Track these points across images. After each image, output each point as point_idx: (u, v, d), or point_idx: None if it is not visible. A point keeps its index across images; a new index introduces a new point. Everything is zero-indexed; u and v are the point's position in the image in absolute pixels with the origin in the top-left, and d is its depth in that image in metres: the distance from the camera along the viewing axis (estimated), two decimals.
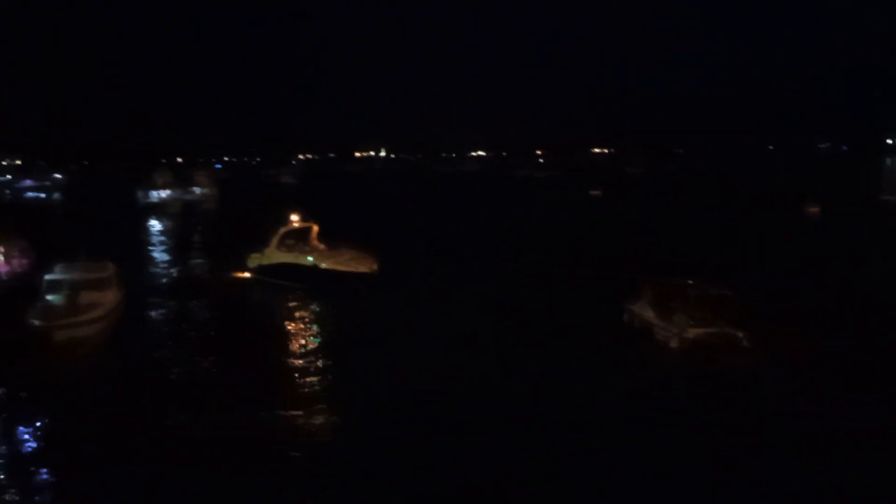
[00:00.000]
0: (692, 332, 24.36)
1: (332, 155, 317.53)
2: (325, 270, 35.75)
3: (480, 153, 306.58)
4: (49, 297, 27.56)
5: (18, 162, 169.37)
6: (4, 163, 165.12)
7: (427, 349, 25.81)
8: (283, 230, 38.98)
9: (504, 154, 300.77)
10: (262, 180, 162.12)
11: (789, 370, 22.74)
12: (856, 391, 20.67)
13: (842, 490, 15.28)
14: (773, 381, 22.08)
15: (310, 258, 36.73)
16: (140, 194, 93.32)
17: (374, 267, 35.73)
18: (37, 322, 25.42)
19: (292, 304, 34.05)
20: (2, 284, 35.36)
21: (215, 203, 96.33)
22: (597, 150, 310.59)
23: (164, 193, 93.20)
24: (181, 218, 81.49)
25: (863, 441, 17.30)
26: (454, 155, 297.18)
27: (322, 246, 38.54)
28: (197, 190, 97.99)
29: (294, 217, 39.74)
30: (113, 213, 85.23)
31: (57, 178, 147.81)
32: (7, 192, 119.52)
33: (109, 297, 28.59)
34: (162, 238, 65.17)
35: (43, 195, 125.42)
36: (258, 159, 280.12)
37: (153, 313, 32.98)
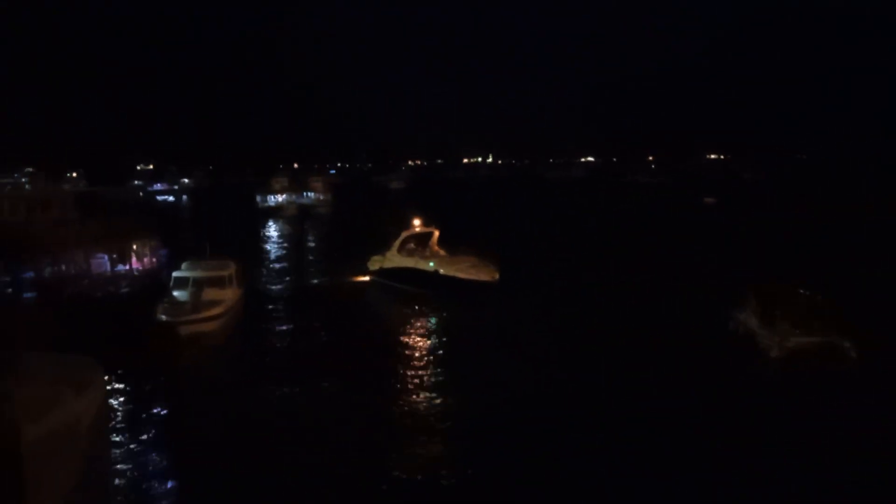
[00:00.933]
0: (793, 341, 23.46)
1: (439, 161, 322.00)
2: (445, 277, 35.17)
3: (589, 159, 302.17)
4: (175, 293, 29.28)
5: (151, 167, 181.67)
6: (139, 167, 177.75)
7: (541, 355, 25.39)
8: (404, 234, 38.75)
9: (614, 159, 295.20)
10: (372, 186, 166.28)
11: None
12: None
13: None
14: (870, 396, 20.34)
15: (431, 264, 36.22)
16: (259, 198, 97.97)
17: (496, 275, 34.96)
18: (164, 317, 27.03)
19: (410, 309, 33.58)
20: (134, 280, 37.74)
21: (329, 207, 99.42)
22: (712, 157, 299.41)
23: (281, 198, 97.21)
24: (297, 221, 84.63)
25: None
26: (561, 161, 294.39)
27: (443, 252, 38.06)
28: (311, 194, 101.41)
29: (416, 221, 39.44)
30: (234, 215, 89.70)
31: (185, 183, 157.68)
32: (140, 194, 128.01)
33: (230, 294, 30.08)
34: (279, 240, 67.86)
35: (172, 198, 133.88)
36: (369, 165, 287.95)
37: (272, 311, 34.03)
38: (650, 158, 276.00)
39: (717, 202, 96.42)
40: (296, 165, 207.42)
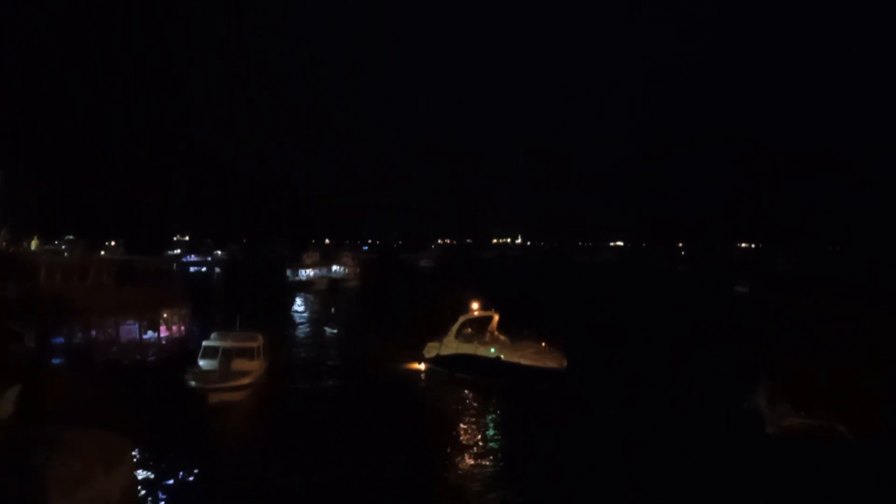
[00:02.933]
0: (789, 421, 24.77)
1: (469, 240, 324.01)
2: (509, 364, 32.72)
3: (618, 243, 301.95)
4: (204, 362, 29.32)
5: (187, 238, 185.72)
6: (176, 238, 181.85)
7: (608, 451, 23.76)
8: (462, 318, 36.30)
9: (643, 245, 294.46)
10: (402, 263, 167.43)
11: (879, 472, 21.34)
12: None
13: None
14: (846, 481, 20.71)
15: (492, 350, 33.79)
16: (289, 272, 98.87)
17: (563, 362, 32.60)
18: (193, 384, 27.04)
19: (469, 398, 31.26)
20: (162, 348, 37.77)
21: (358, 282, 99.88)
22: (743, 245, 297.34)
23: (312, 272, 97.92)
24: (326, 295, 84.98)
25: None
26: (590, 244, 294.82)
27: (504, 337, 35.64)
28: (341, 269, 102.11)
29: (474, 305, 37.03)
30: (265, 288, 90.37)
31: (217, 255, 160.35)
32: (174, 265, 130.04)
33: (257, 366, 30.09)
34: (311, 314, 67.82)
35: (204, 269, 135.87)
36: (399, 242, 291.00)
37: (304, 387, 33.27)
38: (680, 245, 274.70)
39: (749, 291, 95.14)
40: (327, 241, 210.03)
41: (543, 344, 34.24)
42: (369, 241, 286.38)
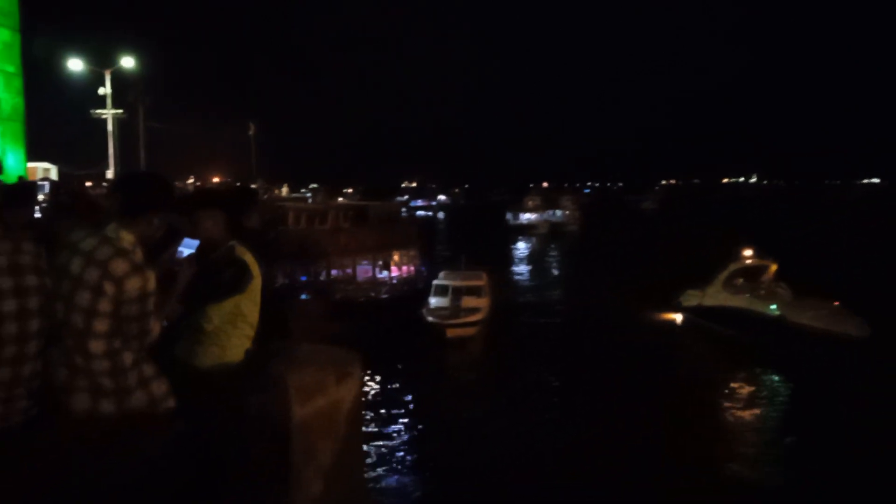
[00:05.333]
0: None
1: (696, 181, 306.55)
2: (793, 325, 27.58)
3: (874, 180, 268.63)
4: (435, 300, 31.21)
5: (414, 184, 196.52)
6: (403, 185, 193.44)
7: None
8: (732, 267, 32.39)
9: None
10: (623, 205, 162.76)
11: None
12: None
13: None
14: None
15: (773, 306, 29.22)
16: (510, 216, 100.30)
17: (867, 329, 26.18)
18: (431, 319, 29.28)
19: (740, 361, 26.85)
20: (393, 287, 40.28)
21: (579, 226, 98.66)
22: None
23: (533, 216, 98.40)
24: (548, 239, 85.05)
25: None
26: (838, 182, 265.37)
27: (785, 291, 30.61)
28: (561, 213, 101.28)
29: (747, 252, 32.75)
30: (486, 231, 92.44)
31: (441, 199, 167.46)
32: (404, 210, 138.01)
33: (485, 303, 31.57)
34: (536, 257, 68.01)
35: (430, 213, 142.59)
36: (620, 184, 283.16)
37: (534, 331, 33.34)
38: None
39: None
40: (545, 184, 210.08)
41: (837, 303, 28.45)
42: (588, 184, 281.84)
